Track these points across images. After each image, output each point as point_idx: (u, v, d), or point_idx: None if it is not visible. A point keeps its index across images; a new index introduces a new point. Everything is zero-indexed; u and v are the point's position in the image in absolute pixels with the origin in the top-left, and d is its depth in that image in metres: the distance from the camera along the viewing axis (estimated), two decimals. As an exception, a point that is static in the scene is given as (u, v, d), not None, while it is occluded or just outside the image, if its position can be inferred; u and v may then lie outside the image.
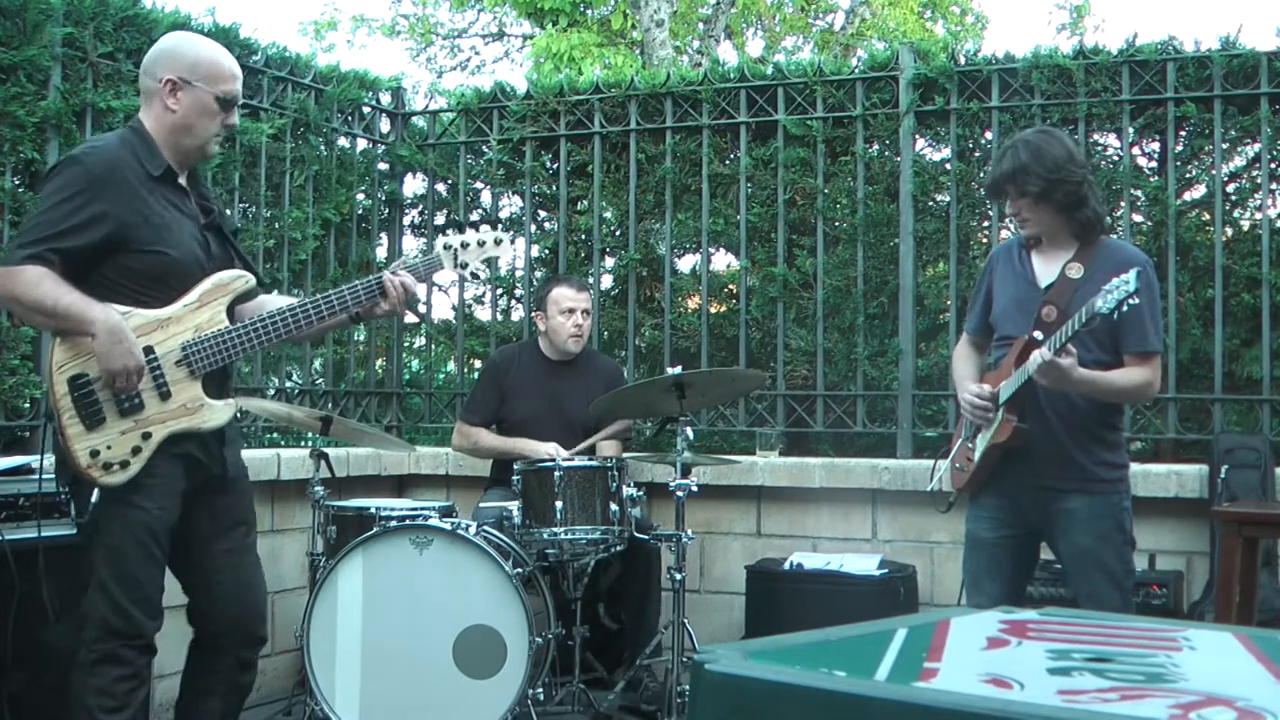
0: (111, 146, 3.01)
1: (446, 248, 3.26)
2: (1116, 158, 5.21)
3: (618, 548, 4.42)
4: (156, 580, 2.99)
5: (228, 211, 5.09)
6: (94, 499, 2.90)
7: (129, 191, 2.93)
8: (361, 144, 5.96)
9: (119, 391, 2.90)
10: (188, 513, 3.04)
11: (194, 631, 3.21)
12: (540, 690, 4.16)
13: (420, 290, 3.36)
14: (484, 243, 3.27)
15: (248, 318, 3.09)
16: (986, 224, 5.43)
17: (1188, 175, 5.28)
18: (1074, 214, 3.38)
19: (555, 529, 4.28)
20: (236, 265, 3.15)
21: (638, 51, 12.53)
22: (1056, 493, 3.38)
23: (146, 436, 2.92)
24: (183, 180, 3.10)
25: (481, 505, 4.89)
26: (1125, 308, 3.07)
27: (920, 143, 5.52)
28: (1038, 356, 3.21)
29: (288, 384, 5.60)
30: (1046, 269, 3.46)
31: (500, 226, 3.31)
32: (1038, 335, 3.33)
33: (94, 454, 2.88)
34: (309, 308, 3.12)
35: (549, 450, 4.74)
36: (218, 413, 3.03)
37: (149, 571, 2.96)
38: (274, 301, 3.26)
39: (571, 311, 4.94)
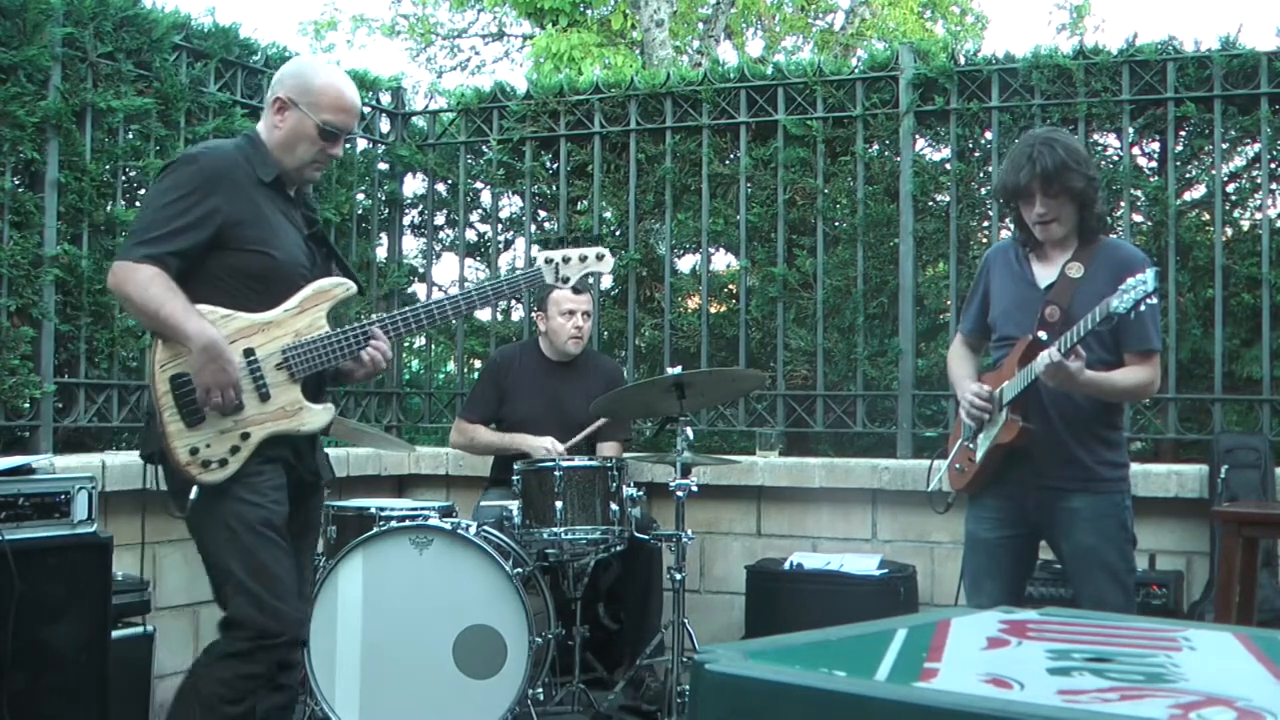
0: (226, 148, 3.08)
1: (548, 262, 3.30)
2: (1116, 158, 5.21)
3: (618, 548, 4.42)
4: (289, 568, 2.99)
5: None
6: (192, 497, 2.91)
7: (240, 190, 2.98)
8: (361, 144, 5.96)
9: (213, 407, 2.92)
10: None
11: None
12: (540, 690, 4.16)
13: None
14: (585, 258, 3.31)
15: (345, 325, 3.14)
16: (986, 224, 5.43)
17: (1188, 175, 5.28)
18: (1087, 213, 3.39)
19: (555, 529, 4.27)
20: (337, 273, 3.19)
21: (638, 51, 12.53)
22: (1060, 492, 3.39)
23: (245, 436, 2.95)
24: (290, 191, 3.16)
25: (482, 505, 4.89)
26: (1143, 307, 3.07)
27: (920, 143, 5.52)
28: (1046, 358, 3.20)
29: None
30: (1045, 269, 3.46)
31: (575, 244, 3.33)
32: (1042, 335, 3.34)
33: (194, 451, 2.90)
34: (405, 317, 3.16)
35: (545, 444, 4.74)
36: (316, 416, 3.05)
37: (282, 564, 2.96)
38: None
39: (572, 313, 4.94)
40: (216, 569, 2.98)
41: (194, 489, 2.91)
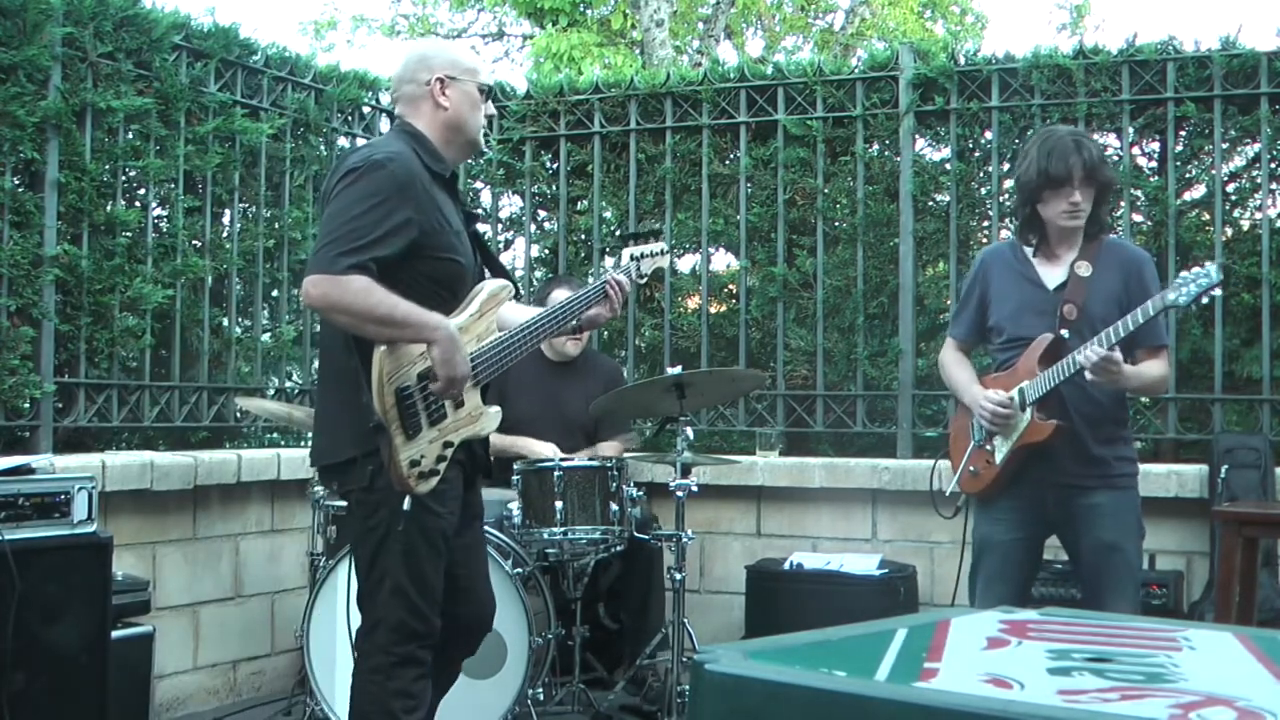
0: (406, 151, 2.97)
1: (633, 258, 3.42)
2: (1116, 158, 5.20)
3: (618, 548, 4.42)
4: (441, 581, 3.00)
5: (227, 215, 5.12)
6: (405, 508, 2.87)
7: (427, 197, 2.93)
8: (361, 144, 5.95)
9: (451, 398, 2.90)
10: None
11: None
12: (540, 690, 4.16)
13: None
14: (653, 254, 3.43)
15: (504, 327, 3.14)
16: (986, 224, 5.43)
17: (1188, 175, 5.28)
18: (1099, 210, 3.43)
19: (555, 529, 4.27)
20: (495, 272, 3.18)
21: (638, 51, 12.53)
22: (1081, 489, 3.40)
23: (448, 445, 2.94)
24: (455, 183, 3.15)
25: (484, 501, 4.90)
26: (1205, 299, 3.09)
27: (920, 143, 5.52)
28: (1093, 354, 3.21)
29: (288, 384, 5.60)
30: (1051, 269, 3.47)
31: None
32: (1064, 334, 3.35)
33: (414, 463, 2.85)
34: (553, 315, 3.20)
35: (546, 450, 4.74)
36: (492, 419, 3.07)
37: (439, 573, 2.98)
38: (512, 310, 3.26)
39: None
40: (377, 569, 2.94)
41: (407, 500, 2.87)
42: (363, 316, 2.79)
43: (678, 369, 4.29)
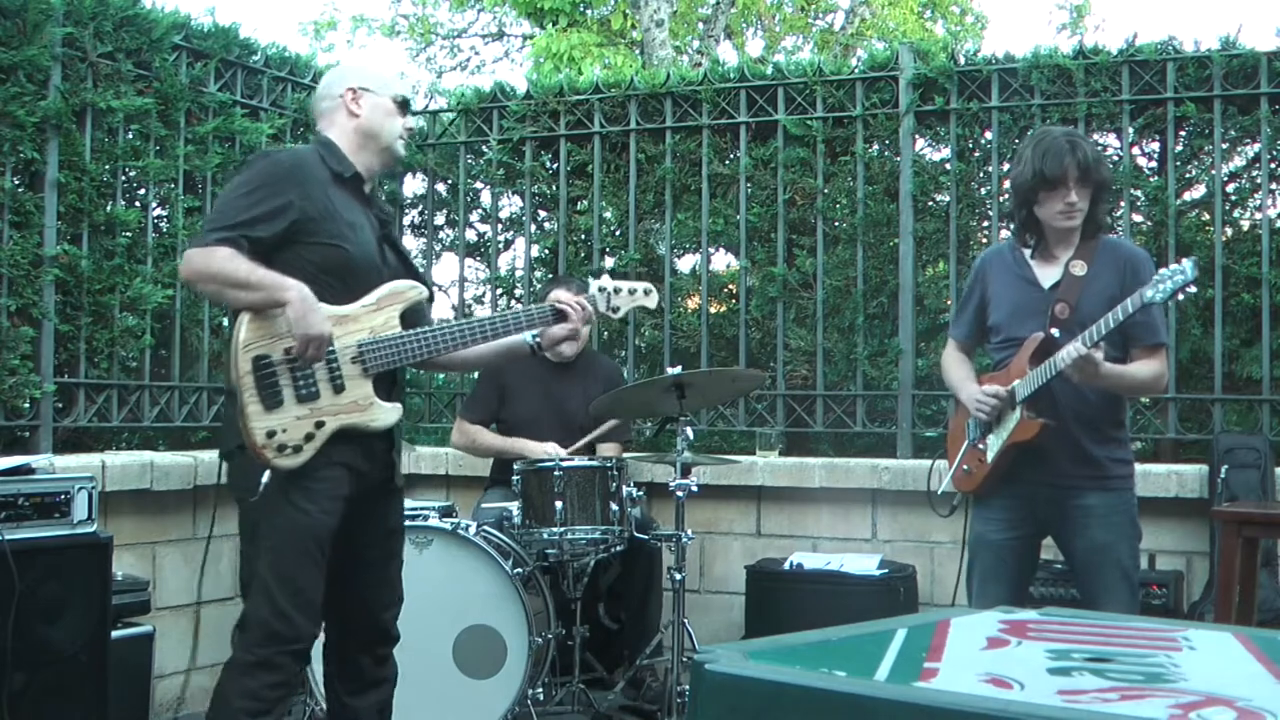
0: (300, 149, 3.16)
1: (601, 290, 3.43)
2: (1116, 158, 5.20)
3: (618, 548, 4.42)
4: (317, 584, 2.98)
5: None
6: (264, 480, 2.91)
7: (314, 186, 3.03)
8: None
9: (308, 359, 2.93)
10: (347, 517, 3.04)
11: (325, 633, 3.18)
12: (540, 690, 4.16)
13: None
14: (635, 291, 3.48)
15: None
16: (986, 224, 5.43)
17: (1188, 175, 5.28)
18: (1096, 209, 3.42)
19: (555, 529, 4.27)
20: (411, 276, 3.22)
21: (638, 51, 12.53)
22: (1073, 490, 3.40)
23: (320, 425, 2.95)
24: (366, 189, 3.20)
25: (482, 506, 4.89)
26: (1181, 296, 3.09)
27: (920, 143, 5.52)
28: (1072, 351, 3.21)
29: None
30: (1048, 269, 3.47)
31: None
32: (1055, 333, 3.35)
33: (270, 434, 2.90)
34: (481, 324, 3.22)
35: (547, 450, 4.74)
36: (386, 413, 3.06)
37: (311, 576, 2.96)
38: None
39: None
40: (249, 565, 3.01)
41: (265, 473, 2.91)
42: (223, 281, 2.92)
43: (677, 369, 4.29)
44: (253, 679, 2.90)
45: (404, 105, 3.23)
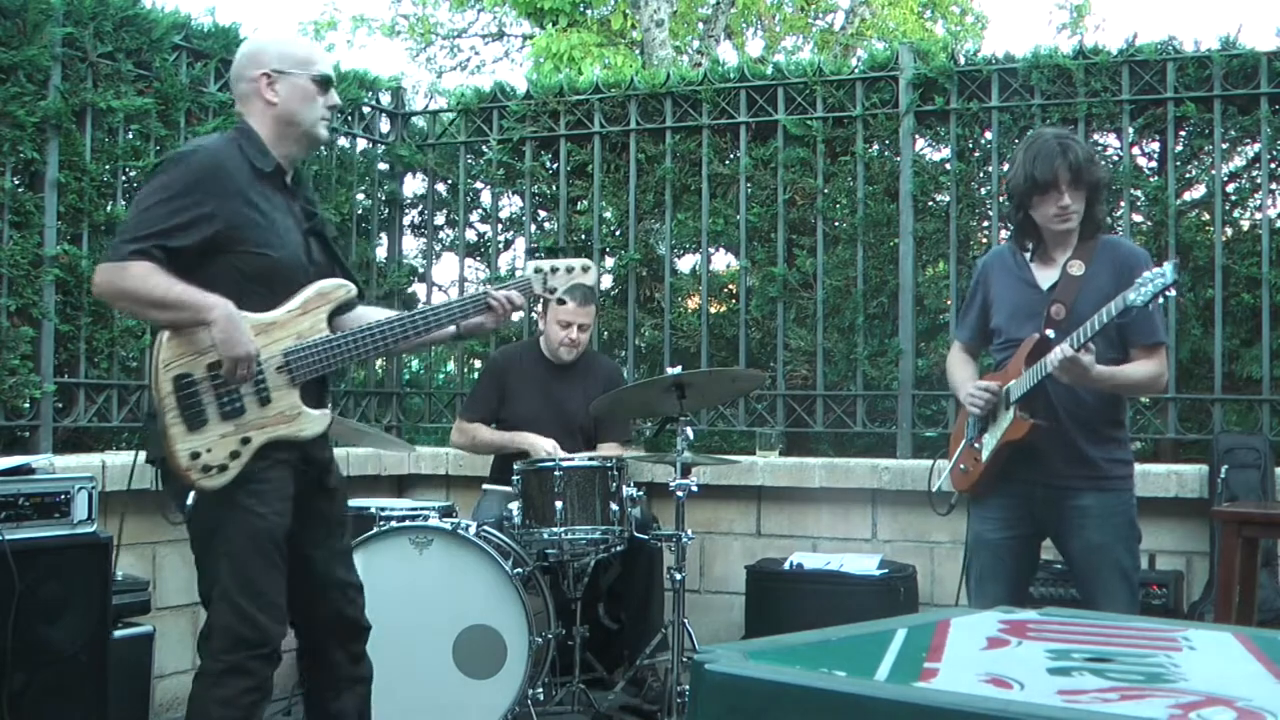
0: (218, 144, 3.00)
1: (537, 271, 3.31)
2: (1116, 158, 5.20)
3: (618, 548, 4.42)
4: (279, 585, 2.93)
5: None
6: (189, 502, 2.87)
7: (235, 191, 2.90)
8: (361, 144, 5.97)
9: (237, 380, 2.85)
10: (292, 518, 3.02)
11: (298, 637, 3.17)
12: (540, 690, 4.16)
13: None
14: (572, 269, 3.32)
15: (345, 329, 3.07)
16: (986, 224, 5.43)
17: (1188, 175, 5.28)
18: (1094, 209, 3.41)
19: (555, 529, 4.27)
20: (337, 273, 3.13)
21: (638, 51, 12.52)
22: (1069, 490, 3.39)
23: (245, 441, 2.88)
24: (289, 180, 3.09)
25: (485, 489, 4.91)
26: (1162, 299, 3.09)
27: (920, 143, 5.52)
28: (1059, 353, 3.21)
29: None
30: (1046, 270, 3.47)
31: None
32: (1050, 334, 3.35)
33: (194, 455, 2.84)
34: (410, 320, 3.11)
35: (547, 446, 4.73)
36: (314, 422, 2.99)
37: (271, 577, 2.91)
38: (370, 314, 3.23)
39: (569, 325, 4.92)
40: (206, 574, 2.94)
41: (190, 494, 2.87)
42: (142, 301, 2.84)
43: (678, 369, 4.29)
44: (225, 686, 2.87)
45: (325, 83, 3.05)
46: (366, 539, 4.13)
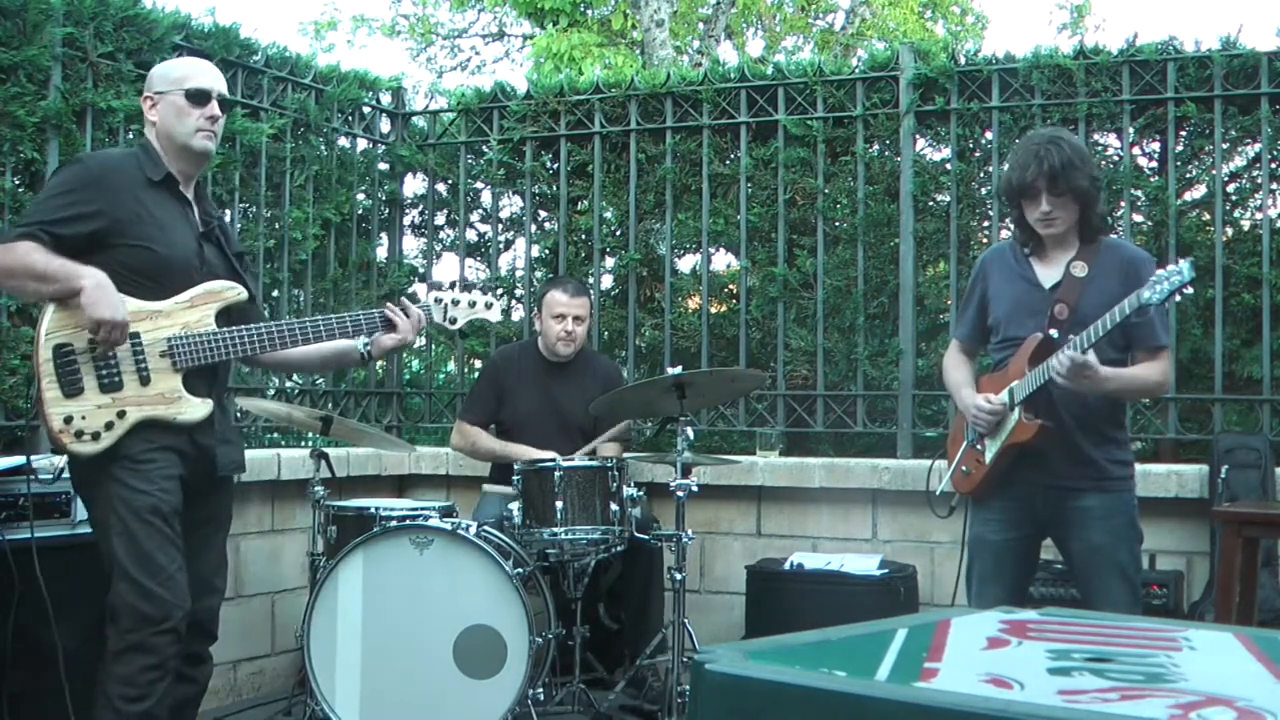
0: (116, 154, 3.24)
1: (438, 301, 3.50)
2: (1117, 158, 5.21)
3: (618, 548, 4.42)
4: (175, 559, 3.02)
5: (227, 215, 5.11)
6: (61, 463, 3.01)
7: (125, 191, 3.10)
8: (361, 144, 5.97)
9: (105, 343, 2.99)
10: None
11: None
12: (540, 690, 4.16)
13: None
14: (474, 304, 3.52)
15: None
16: (986, 224, 5.43)
17: (1188, 175, 5.28)
18: (1089, 213, 3.40)
19: (555, 529, 4.27)
20: (235, 280, 3.27)
21: (638, 51, 12.52)
22: (1071, 491, 3.39)
23: (121, 415, 3.03)
24: (188, 192, 3.25)
25: (485, 490, 4.90)
26: (1178, 297, 3.08)
27: (920, 143, 5.52)
28: (1064, 359, 3.20)
29: (288, 384, 5.60)
30: (1048, 269, 3.46)
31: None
32: (1053, 334, 3.34)
33: (68, 419, 2.99)
34: (300, 327, 3.27)
35: (549, 458, 4.72)
36: (194, 409, 3.12)
37: (167, 553, 3.01)
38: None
39: (562, 317, 4.92)
40: (104, 554, 3.05)
41: (62, 459, 3.01)
42: (20, 274, 3.02)
43: (678, 369, 4.29)
44: (126, 665, 2.95)
45: (198, 97, 3.20)
46: (367, 539, 4.13)
